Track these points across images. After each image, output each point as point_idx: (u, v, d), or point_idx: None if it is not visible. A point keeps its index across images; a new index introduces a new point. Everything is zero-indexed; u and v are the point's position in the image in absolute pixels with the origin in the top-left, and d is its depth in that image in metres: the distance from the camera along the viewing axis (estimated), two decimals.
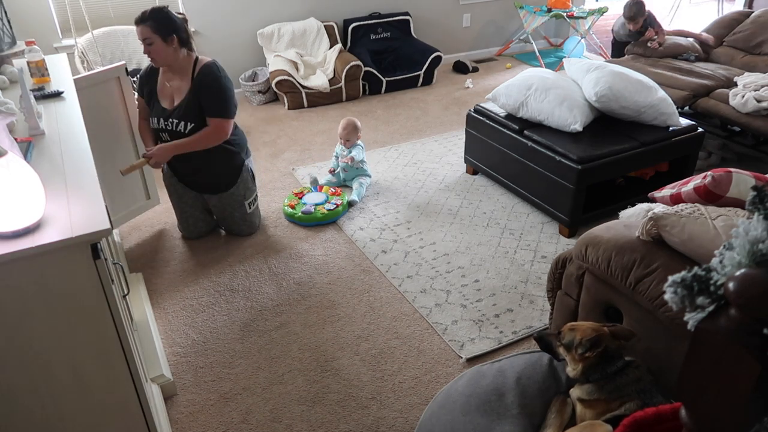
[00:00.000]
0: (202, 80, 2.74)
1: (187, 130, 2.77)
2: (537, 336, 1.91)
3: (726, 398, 0.84)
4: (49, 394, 1.54)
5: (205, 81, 2.74)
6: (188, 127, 2.76)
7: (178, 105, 2.77)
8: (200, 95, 2.74)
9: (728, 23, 4.37)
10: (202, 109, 2.76)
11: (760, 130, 3.42)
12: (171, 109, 2.79)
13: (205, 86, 2.74)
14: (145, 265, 2.94)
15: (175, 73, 2.78)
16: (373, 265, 2.90)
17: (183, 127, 2.77)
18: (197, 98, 2.74)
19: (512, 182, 3.39)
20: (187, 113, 2.76)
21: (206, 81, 2.74)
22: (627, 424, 1.47)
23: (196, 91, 2.74)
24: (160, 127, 2.81)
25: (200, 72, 2.74)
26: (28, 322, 1.43)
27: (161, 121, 2.80)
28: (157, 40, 2.66)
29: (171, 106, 2.79)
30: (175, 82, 2.79)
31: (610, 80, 3.12)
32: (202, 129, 2.77)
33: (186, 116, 2.76)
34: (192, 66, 2.76)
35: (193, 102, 2.75)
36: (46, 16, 4.25)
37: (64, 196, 1.56)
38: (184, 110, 2.76)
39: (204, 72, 2.75)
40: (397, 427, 2.06)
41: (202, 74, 2.74)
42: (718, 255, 0.96)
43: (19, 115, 2.03)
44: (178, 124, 2.77)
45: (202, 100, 2.74)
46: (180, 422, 2.10)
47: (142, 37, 2.66)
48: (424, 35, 5.58)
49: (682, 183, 2.07)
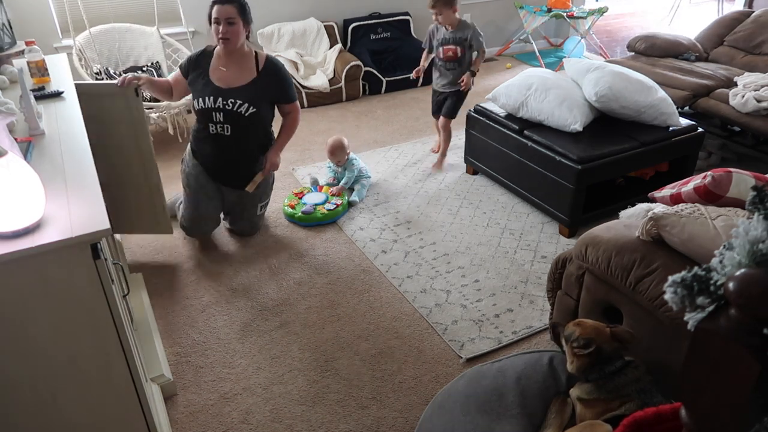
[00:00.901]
0: (274, 72, 2.86)
1: (248, 113, 2.79)
2: (552, 324, 1.95)
3: (726, 398, 0.84)
4: (49, 394, 1.54)
5: (277, 73, 2.87)
6: (250, 110, 2.79)
7: (239, 88, 2.78)
8: (273, 85, 2.85)
9: (728, 23, 4.37)
10: (270, 99, 2.88)
11: (760, 130, 3.42)
12: (228, 89, 2.78)
13: (280, 76, 2.88)
14: (145, 265, 2.94)
15: (234, 62, 2.80)
16: (373, 265, 2.90)
17: (245, 109, 2.78)
18: (266, 87, 2.83)
19: (512, 182, 3.40)
20: (252, 97, 2.79)
21: (279, 73, 2.88)
22: (627, 424, 1.47)
23: (265, 81, 2.82)
24: (216, 106, 2.78)
25: (268, 63, 2.85)
26: (28, 322, 1.43)
27: (218, 100, 2.77)
28: (239, 21, 2.70)
29: (227, 86, 2.78)
30: (232, 70, 2.80)
31: (610, 80, 3.12)
32: (263, 116, 2.87)
33: (251, 100, 2.78)
34: (254, 57, 2.83)
35: (260, 89, 2.81)
36: (46, 16, 4.25)
37: (64, 196, 1.56)
38: (250, 94, 2.78)
39: (273, 62, 2.87)
40: (397, 427, 2.06)
41: (270, 65, 2.85)
42: (718, 255, 0.96)
43: (19, 115, 2.03)
44: (240, 105, 2.77)
45: (277, 89, 2.87)
46: (180, 422, 2.10)
47: (226, 15, 2.67)
48: (424, 35, 5.57)
49: (682, 183, 2.07)
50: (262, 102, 2.84)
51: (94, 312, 1.48)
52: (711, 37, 4.38)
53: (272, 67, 2.86)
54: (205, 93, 2.79)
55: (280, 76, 2.89)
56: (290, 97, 2.95)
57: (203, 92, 2.80)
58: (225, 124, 2.81)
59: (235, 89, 2.78)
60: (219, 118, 2.81)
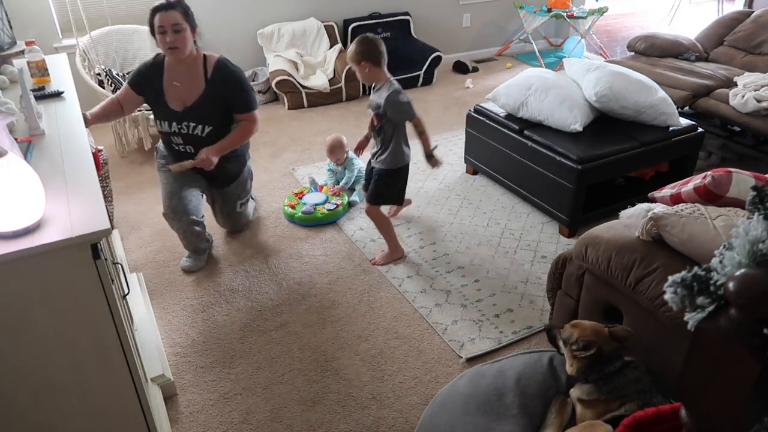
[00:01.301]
0: (222, 79, 2.64)
1: (205, 134, 2.66)
2: (547, 327, 1.94)
3: (726, 398, 0.84)
4: (49, 394, 1.54)
5: (226, 79, 2.65)
6: (206, 130, 2.66)
7: (192, 106, 2.64)
8: (223, 94, 2.65)
9: (728, 23, 4.36)
10: (225, 109, 2.69)
11: (760, 130, 3.42)
12: (182, 110, 2.65)
13: (228, 85, 2.66)
14: (145, 265, 2.94)
15: (184, 71, 2.64)
16: (373, 265, 2.90)
17: (201, 131, 2.66)
18: (216, 99, 2.64)
19: (512, 182, 3.39)
20: (204, 115, 2.65)
21: (228, 79, 2.65)
22: (627, 424, 1.47)
23: (214, 91, 2.64)
24: (172, 131, 2.68)
25: (216, 70, 2.63)
26: (28, 322, 1.43)
27: (173, 125, 2.67)
28: (186, 27, 2.54)
29: (182, 108, 2.65)
30: (183, 81, 2.64)
31: (610, 80, 3.12)
32: (221, 131, 2.70)
33: (204, 119, 2.65)
34: (202, 63, 2.65)
35: (211, 103, 2.64)
36: (46, 16, 4.25)
37: (64, 196, 1.56)
38: (202, 112, 2.65)
39: (220, 69, 2.64)
40: (397, 427, 2.06)
41: (218, 72, 2.64)
42: (718, 255, 0.96)
43: (19, 115, 2.03)
44: (195, 128, 2.65)
45: (227, 99, 2.67)
46: (180, 422, 2.10)
47: (171, 22, 2.50)
48: (424, 35, 5.58)
49: (682, 183, 2.07)
50: (216, 116, 2.67)
51: (94, 312, 1.48)
52: (711, 37, 4.38)
53: (222, 73, 2.64)
54: (161, 117, 2.69)
55: (231, 82, 2.66)
56: (244, 106, 2.71)
57: (159, 116, 2.71)
58: (186, 146, 2.73)
59: (188, 110, 2.64)
60: (178, 141, 2.73)
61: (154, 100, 2.71)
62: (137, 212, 3.39)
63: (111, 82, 3.99)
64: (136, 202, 3.48)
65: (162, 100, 2.67)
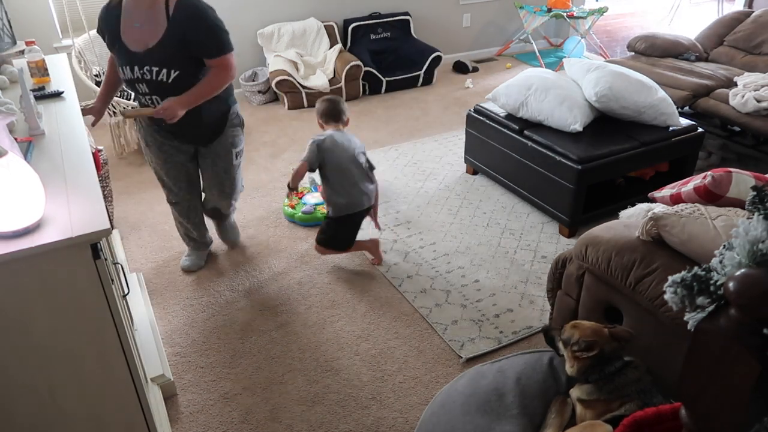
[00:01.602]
0: (186, 17, 2.23)
1: (171, 79, 2.27)
2: (544, 329, 1.93)
3: (726, 398, 0.84)
4: (49, 394, 1.54)
5: (191, 17, 2.24)
6: (171, 75, 2.27)
7: (153, 48, 2.24)
8: (188, 35, 2.24)
9: (728, 23, 4.37)
10: (190, 53, 2.28)
11: (760, 130, 3.42)
12: (143, 52, 2.26)
13: (193, 23, 2.24)
14: (145, 265, 2.94)
15: (144, 12, 2.24)
16: (373, 266, 2.90)
17: (165, 76, 2.27)
18: (179, 40, 2.24)
19: (512, 182, 3.39)
20: (167, 59, 2.25)
21: (193, 17, 2.24)
22: (627, 424, 1.47)
23: (176, 31, 2.23)
24: (135, 77, 2.29)
25: (179, 8, 2.22)
26: (28, 322, 1.43)
27: (135, 70, 2.27)
28: None
29: (143, 49, 2.26)
30: (144, 22, 2.25)
31: (610, 80, 3.12)
32: (191, 79, 2.32)
33: (167, 62, 2.25)
34: (164, 1, 2.24)
35: (174, 44, 2.24)
36: (46, 16, 4.25)
37: (64, 196, 1.56)
38: (164, 55, 2.25)
39: (184, 7, 2.23)
40: (397, 427, 2.06)
41: (182, 10, 2.23)
42: (718, 255, 0.96)
43: (19, 115, 2.03)
44: (159, 72, 2.27)
45: (191, 43, 2.26)
46: (180, 422, 2.10)
47: None
48: (424, 35, 5.58)
49: (682, 183, 2.07)
50: (182, 59, 2.27)
51: (94, 312, 1.48)
52: (711, 37, 4.38)
53: (187, 11, 2.23)
54: (121, 62, 2.30)
55: (196, 19, 2.24)
56: (213, 48, 2.29)
57: (120, 60, 2.31)
58: (152, 95, 2.33)
59: (149, 52, 2.24)
60: (144, 89, 2.33)
61: (111, 43, 2.33)
62: (137, 212, 3.39)
63: None
64: (136, 202, 3.48)
65: (119, 41, 2.29)
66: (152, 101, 2.36)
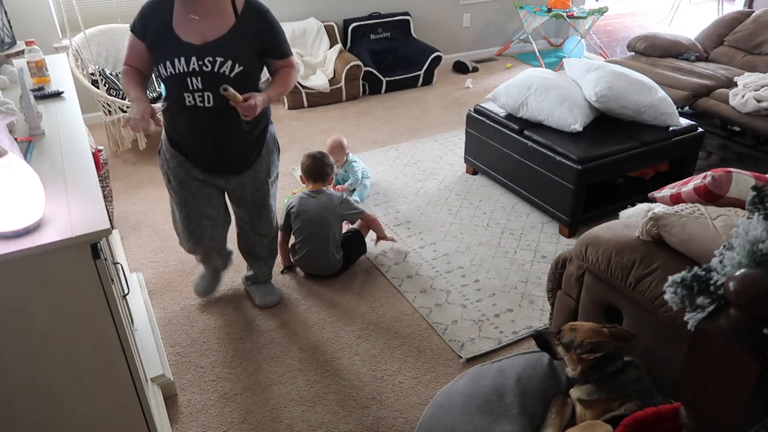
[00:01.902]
0: (256, 17, 2.17)
1: (234, 74, 2.14)
2: (535, 334, 1.91)
3: (726, 398, 0.83)
4: (49, 394, 1.54)
5: (263, 17, 2.18)
6: (235, 69, 2.13)
7: (217, 39, 2.12)
8: (258, 33, 2.17)
9: (728, 23, 4.37)
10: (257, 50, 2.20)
11: (760, 130, 3.42)
12: (203, 44, 2.11)
13: (265, 23, 2.18)
14: (145, 265, 2.94)
15: (203, 6, 2.12)
16: (373, 265, 2.90)
17: (229, 69, 2.12)
18: (249, 36, 2.16)
19: (512, 182, 3.39)
20: (234, 51, 2.13)
21: (264, 17, 2.18)
22: (627, 424, 1.47)
23: (245, 28, 2.15)
24: (190, 69, 2.11)
25: (248, 6, 2.16)
26: (27, 322, 1.43)
27: (192, 61, 2.10)
28: None
29: (201, 41, 2.11)
30: (205, 15, 2.13)
31: (610, 80, 3.12)
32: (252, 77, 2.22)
33: (233, 54, 2.13)
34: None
35: (241, 40, 2.15)
36: (46, 16, 4.25)
37: (64, 196, 1.56)
38: (231, 47, 2.13)
39: (253, 6, 2.17)
40: (397, 427, 2.06)
41: (251, 8, 2.17)
42: (718, 255, 0.96)
43: (19, 115, 2.03)
44: (223, 64, 2.11)
45: (263, 40, 2.19)
46: (180, 422, 2.10)
47: None
48: (424, 35, 5.58)
49: (682, 183, 2.07)
50: (249, 56, 2.18)
51: (94, 312, 1.48)
52: (711, 37, 4.38)
53: (256, 9, 2.18)
54: (174, 54, 2.11)
55: (268, 20, 2.19)
56: (283, 49, 2.25)
57: (171, 53, 2.11)
58: (204, 92, 2.14)
59: (213, 43, 2.11)
60: (196, 85, 2.13)
61: (160, 38, 2.14)
62: (137, 212, 3.39)
63: (105, 81, 3.99)
64: (136, 202, 3.48)
65: (171, 33, 2.12)
66: (202, 99, 2.16)
